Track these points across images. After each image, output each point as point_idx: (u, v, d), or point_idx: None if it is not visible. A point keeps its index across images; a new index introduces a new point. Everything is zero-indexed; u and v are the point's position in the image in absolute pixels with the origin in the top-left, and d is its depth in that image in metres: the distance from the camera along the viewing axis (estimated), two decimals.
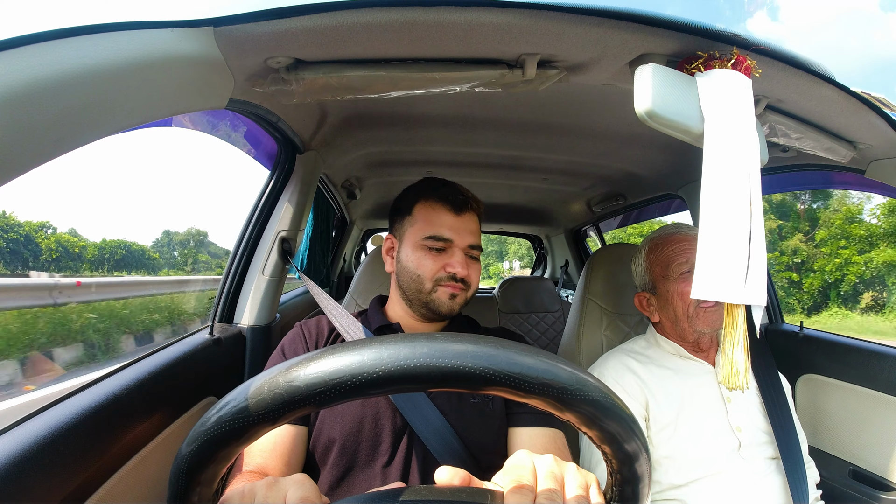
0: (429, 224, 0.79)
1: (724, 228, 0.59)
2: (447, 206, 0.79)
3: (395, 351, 0.28)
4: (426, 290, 0.77)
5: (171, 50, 0.48)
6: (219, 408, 0.30)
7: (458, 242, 0.78)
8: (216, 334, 0.98)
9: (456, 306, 0.78)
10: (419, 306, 0.79)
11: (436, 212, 0.80)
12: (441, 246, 0.78)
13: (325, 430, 0.69)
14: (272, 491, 0.36)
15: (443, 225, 0.78)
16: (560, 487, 0.34)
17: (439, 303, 0.77)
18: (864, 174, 0.96)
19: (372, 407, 0.70)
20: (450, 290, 0.77)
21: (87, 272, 22.40)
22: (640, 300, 1.01)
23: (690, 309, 0.89)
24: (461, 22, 0.58)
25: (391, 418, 0.70)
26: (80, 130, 0.41)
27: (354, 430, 0.68)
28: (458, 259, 0.77)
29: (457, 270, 0.76)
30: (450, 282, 0.77)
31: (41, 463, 0.50)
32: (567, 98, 1.03)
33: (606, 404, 0.30)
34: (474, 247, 0.80)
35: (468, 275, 0.78)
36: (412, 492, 0.33)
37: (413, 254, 0.78)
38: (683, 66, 0.64)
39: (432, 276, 0.77)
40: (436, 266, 0.77)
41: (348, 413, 0.70)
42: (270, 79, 0.67)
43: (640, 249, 1.02)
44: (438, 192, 0.81)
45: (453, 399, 0.72)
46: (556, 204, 2.44)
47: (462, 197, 0.81)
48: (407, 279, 0.79)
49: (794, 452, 0.87)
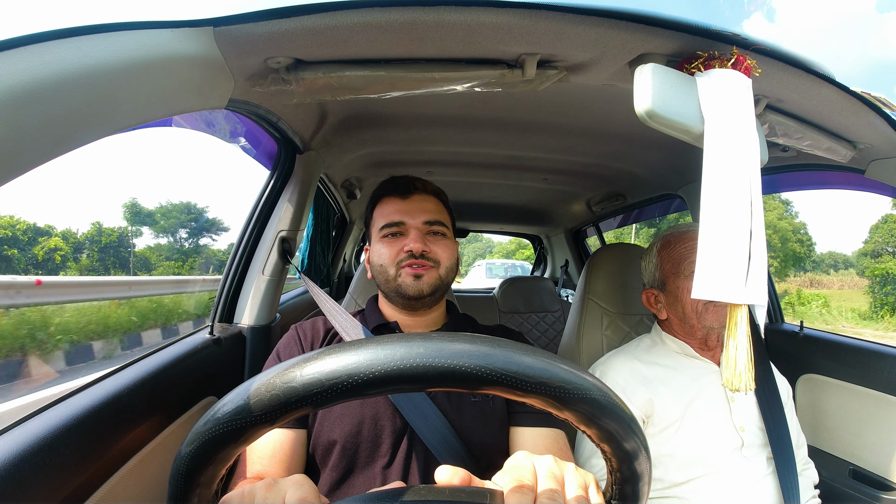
0: (381, 217, 0.82)
1: (724, 228, 0.59)
2: (393, 196, 0.83)
3: (392, 351, 0.28)
4: (392, 276, 0.78)
5: (171, 50, 0.48)
6: (216, 410, 0.30)
7: (410, 222, 0.80)
8: (216, 334, 0.98)
9: (425, 287, 0.77)
10: (394, 296, 0.80)
11: (385, 204, 0.83)
12: (395, 231, 0.80)
13: (325, 431, 0.69)
14: (271, 492, 0.36)
15: (393, 212, 0.81)
16: (560, 487, 0.33)
17: (405, 286, 0.77)
18: (863, 174, 0.96)
19: (371, 408, 0.70)
20: (412, 272, 0.77)
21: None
22: (647, 297, 1.00)
23: (699, 305, 0.89)
24: (461, 22, 0.58)
25: (391, 419, 0.70)
26: (80, 130, 0.41)
27: (354, 431, 0.68)
28: (412, 236, 0.78)
29: (412, 246, 0.77)
30: (410, 260, 0.77)
31: (41, 463, 0.50)
32: (567, 98, 1.03)
33: (604, 402, 0.30)
34: (432, 222, 0.81)
35: (429, 249, 0.78)
36: (412, 492, 0.33)
37: (375, 249, 0.81)
38: (683, 66, 0.64)
39: (393, 260, 0.78)
40: (394, 250, 0.78)
41: (347, 414, 0.69)
42: (270, 79, 0.67)
43: (651, 246, 1.02)
44: (385, 186, 0.85)
45: (454, 399, 0.72)
46: (556, 204, 2.44)
47: (404, 181, 0.84)
48: (377, 274, 0.81)
49: (786, 452, 0.87)
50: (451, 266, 0.80)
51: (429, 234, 0.80)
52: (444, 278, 0.79)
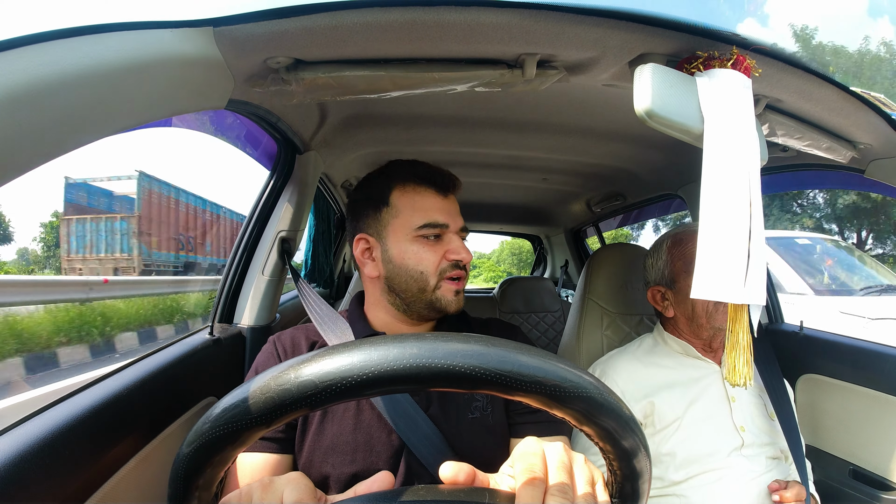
0: (417, 211, 0.70)
1: (723, 228, 0.59)
2: (433, 189, 0.72)
3: (386, 352, 0.28)
4: (430, 288, 0.69)
5: (171, 50, 0.48)
6: (212, 411, 0.30)
7: (452, 226, 0.72)
8: (216, 334, 0.98)
9: (461, 302, 0.72)
10: (421, 307, 0.71)
11: (421, 196, 0.71)
12: (438, 233, 0.71)
13: (316, 464, 0.64)
14: (268, 492, 0.36)
15: (434, 209, 0.71)
16: (571, 480, 0.33)
17: (446, 302, 0.70)
18: (863, 174, 0.96)
19: (364, 433, 0.65)
20: (454, 287, 0.71)
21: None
22: (653, 294, 1.00)
23: (710, 305, 0.89)
24: (461, 22, 0.58)
25: (386, 443, 0.65)
26: (80, 130, 0.41)
27: (348, 461, 0.63)
28: (457, 244, 0.71)
29: (461, 256, 0.70)
30: (454, 271, 0.70)
31: (41, 463, 0.50)
32: (567, 98, 1.03)
33: (601, 400, 0.30)
34: (465, 229, 0.74)
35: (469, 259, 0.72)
36: (412, 492, 0.33)
37: (409, 248, 0.70)
38: (683, 66, 0.64)
39: (436, 268, 0.70)
40: (436, 257, 0.70)
41: (339, 444, 0.64)
42: (270, 79, 0.67)
43: (660, 244, 1.01)
44: (417, 173, 0.72)
45: (451, 414, 0.68)
46: (556, 204, 2.43)
47: (446, 176, 0.73)
48: (406, 279, 0.70)
49: (799, 451, 0.89)
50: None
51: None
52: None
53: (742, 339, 0.64)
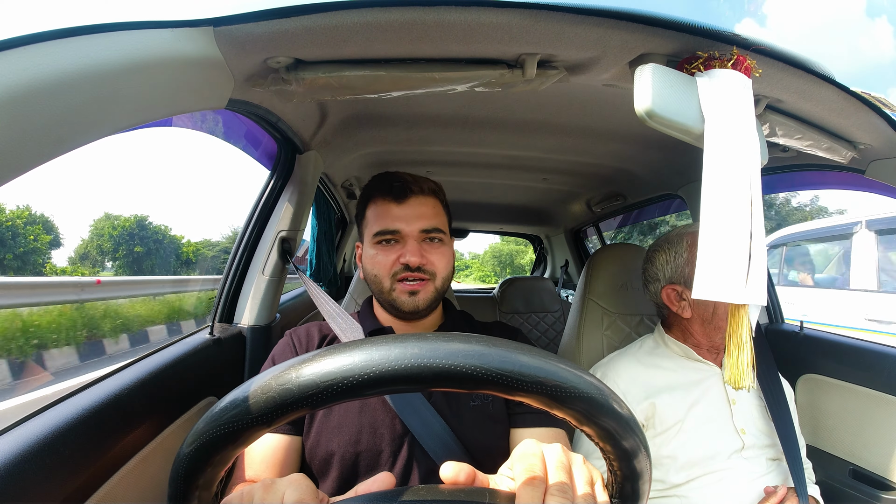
0: (376, 220, 0.77)
1: (724, 228, 0.59)
2: (388, 198, 0.77)
3: (387, 352, 0.28)
4: (387, 289, 0.75)
5: (171, 50, 0.48)
6: (212, 411, 0.30)
7: (406, 231, 0.75)
8: (216, 334, 0.98)
9: (420, 303, 0.75)
10: (388, 307, 0.78)
11: (380, 206, 0.78)
12: (390, 238, 0.76)
13: (323, 442, 0.67)
14: (269, 493, 0.36)
15: (388, 217, 0.76)
16: (570, 480, 0.33)
17: (400, 302, 0.75)
18: (863, 174, 0.96)
19: (369, 416, 0.69)
20: (407, 288, 0.74)
21: None
22: (668, 294, 0.94)
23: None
24: (461, 22, 0.58)
25: (390, 426, 0.68)
26: (80, 130, 0.41)
27: (353, 440, 0.67)
28: (409, 247, 0.74)
29: (408, 259, 0.73)
30: (405, 273, 0.74)
31: (41, 463, 0.50)
32: (567, 98, 1.03)
33: (601, 401, 0.30)
34: (430, 230, 0.76)
35: (426, 261, 0.74)
36: (411, 492, 0.33)
37: (369, 254, 0.78)
38: (683, 66, 0.64)
39: (388, 271, 0.75)
40: (389, 260, 0.75)
41: (345, 424, 0.68)
42: (270, 79, 0.67)
43: (678, 242, 0.95)
44: (380, 186, 0.79)
45: (453, 403, 0.71)
46: (556, 204, 2.44)
47: (399, 183, 0.77)
48: (370, 281, 0.78)
49: (795, 453, 0.87)
50: (447, 275, 0.78)
51: (425, 242, 0.77)
52: (440, 289, 0.77)
53: (743, 342, 0.63)
